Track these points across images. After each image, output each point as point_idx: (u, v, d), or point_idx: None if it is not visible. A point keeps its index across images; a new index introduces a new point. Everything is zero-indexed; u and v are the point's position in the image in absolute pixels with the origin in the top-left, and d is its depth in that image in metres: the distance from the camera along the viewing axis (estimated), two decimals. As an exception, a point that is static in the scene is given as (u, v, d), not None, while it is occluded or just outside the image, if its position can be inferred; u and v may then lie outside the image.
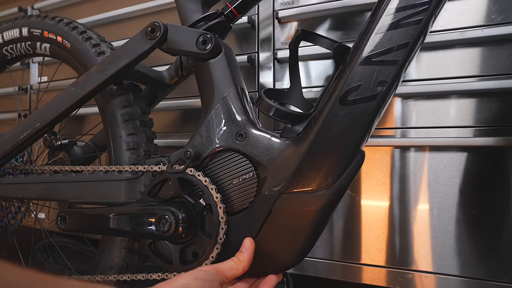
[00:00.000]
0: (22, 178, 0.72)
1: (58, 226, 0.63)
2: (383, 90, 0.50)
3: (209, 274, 0.44)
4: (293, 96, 0.68)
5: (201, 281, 0.42)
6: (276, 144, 0.55)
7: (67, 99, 0.67)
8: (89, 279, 0.64)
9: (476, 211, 0.72)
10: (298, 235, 0.52)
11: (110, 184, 0.65)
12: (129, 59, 0.65)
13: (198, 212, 0.57)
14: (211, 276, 0.44)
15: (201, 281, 0.42)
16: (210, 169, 0.59)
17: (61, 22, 0.78)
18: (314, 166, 0.51)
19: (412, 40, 0.50)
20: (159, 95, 0.84)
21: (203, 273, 0.44)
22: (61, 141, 0.90)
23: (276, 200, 0.53)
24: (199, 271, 0.44)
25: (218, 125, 0.59)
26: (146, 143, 0.71)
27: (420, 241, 0.75)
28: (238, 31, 0.92)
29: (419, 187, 0.76)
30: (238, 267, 0.49)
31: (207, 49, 0.61)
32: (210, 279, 0.44)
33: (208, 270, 0.45)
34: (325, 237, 0.83)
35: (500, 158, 0.70)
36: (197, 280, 0.42)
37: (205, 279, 0.43)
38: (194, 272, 0.44)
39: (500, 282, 0.69)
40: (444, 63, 0.74)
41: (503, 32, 0.69)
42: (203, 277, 0.43)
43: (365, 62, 0.51)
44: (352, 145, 0.51)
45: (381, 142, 0.77)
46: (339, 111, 0.51)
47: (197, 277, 0.43)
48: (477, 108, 0.72)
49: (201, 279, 0.43)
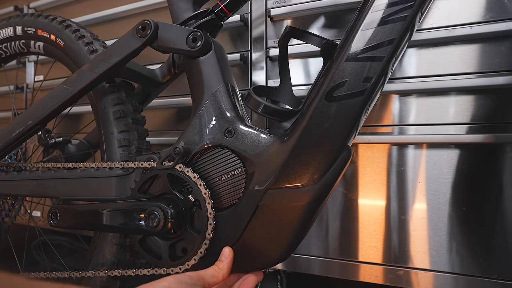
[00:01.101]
0: (14, 175, 0.73)
1: (50, 222, 0.64)
2: (369, 86, 0.51)
3: (192, 279, 0.45)
4: (283, 93, 0.68)
5: (184, 285, 0.43)
6: (263, 140, 0.56)
7: (59, 96, 0.68)
8: (80, 275, 0.65)
9: (466, 208, 0.72)
10: (285, 231, 0.52)
11: (101, 180, 0.65)
12: (120, 56, 0.66)
13: (187, 208, 0.58)
14: (193, 280, 0.45)
15: (184, 285, 0.43)
16: (199, 166, 0.59)
17: (55, 20, 0.79)
18: (300, 162, 0.52)
19: (398, 36, 0.50)
20: (151, 93, 0.85)
21: (186, 277, 0.44)
22: (55, 139, 0.91)
23: (263, 195, 0.53)
24: (183, 275, 0.45)
25: (208, 122, 0.60)
26: (138, 140, 0.71)
27: (414, 238, 0.75)
28: (232, 29, 0.93)
29: (410, 184, 0.76)
30: (219, 274, 0.50)
31: (197, 46, 0.61)
32: (193, 283, 0.44)
33: (191, 275, 0.46)
34: (320, 234, 0.83)
35: (490, 155, 0.71)
36: (180, 283, 0.42)
37: (188, 283, 0.43)
38: (177, 276, 0.44)
39: (489, 278, 0.69)
40: (433, 61, 0.74)
41: (491, 30, 0.69)
42: (186, 281, 0.44)
43: (351, 59, 0.51)
44: (339, 141, 0.51)
45: (372, 139, 0.78)
46: (326, 107, 0.51)
47: (180, 280, 0.43)
48: (467, 105, 0.72)
49: (184, 283, 0.43)
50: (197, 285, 0.45)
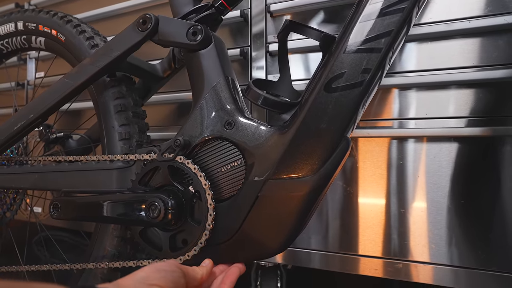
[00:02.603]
0: (16, 168, 0.73)
1: (51, 214, 0.64)
2: (368, 77, 0.51)
3: (170, 266, 0.44)
4: (283, 86, 0.68)
5: (162, 273, 0.42)
6: (263, 132, 0.56)
7: (60, 90, 0.69)
8: (81, 267, 0.65)
9: (465, 201, 0.72)
10: (284, 221, 0.53)
11: (102, 173, 0.66)
12: (121, 50, 0.66)
13: (187, 199, 0.58)
14: (172, 267, 0.44)
15: (162, 273, 0.42)
16: (200, 157, 0.60)
17: (56, 16, 0.79)
18: (299, 153, 0.52)
19: (396, 28, 0.51)
20: (152, 88, 0.85)
21: (165, 265, 0.43)
22: (56, 134, 0.91)
23: (262, 186, 0.53)
24: (161, 263, 0.44)
25: (208, 114, 0.60)
26: (139, 133, 0.71)
27: (413, 231, 0.76)
28: (232, 25, 0.93)
29: (409, 178, 0.76)
30: (199, 271, 0.49)
31: (197, 40, 0.62)
32: (172, 270, 0.43)
33: (171, 263, 0.45)
34: (320, 228, 0.84)
35: (489, 149, 0.71)
36: (158, 271, 0.41)
37: (166, 271, 0.42)
38: (154, 264, 0.43)
39: (488, 270, 0.70)
40: (432, 55, 0.75)
41: (490, 23, 0.69)
42: (165, 269, 0.42)
43: (350, 50, 0.52)
44: (337, 131, 0.52)
45: (372, 133, 0.78)
46: (324, 98, 0.52)
47: (158, 269, 0.42)
48: (466, 99, 0.72)
49: (162, 271, 0.42)
50: (176, 272, 0.43)
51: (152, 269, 0.42)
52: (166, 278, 0.41)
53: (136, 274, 0.41)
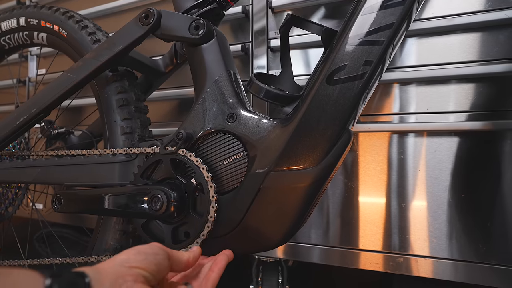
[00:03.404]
0: (18, 163, 0.73)
1: (54, 207, 0.65)
2: (369, 70, 0.51)
3: (152, 248, 0.43)
4: (284, 81, 0.69)
5: (143, 255, 0.40)
6: (265, 125, 0.56)
7: (63, 84, 0.69)
8: (83, 260, 0.66)
9: (465, 195, 0.73)
10: (286, 213, 0.53)
11: (104, 166, 0.66)
12: (124, 44, 0.66)
13: (189, 192, 0.59)
14: (154, 249, 0.42)
15: (143, 255, 0.40)
16: (202, 150, 0.60)
17: (58, 11, 0.80)
18: (301, 144, 0.53)
19: (397, 21, 0.51)
20: (154, 83, 0.86)
21: (146, 248, 0.42)
22: (58, 130, 0.92)
23: (265, 178, 0.54)
24: (143, 246, 0.42)
25: (210, 108, 0.60)
26: (141, 128, 0.72)
27: (414, 225, 0.76)
28: (233, 21, 0.93)
29: (409, 172, 0.77)
30: (185, 254, 0.48)
31: (200, 34, 0.62)
32: (154, 252, 0.42)
33: (153, 245, 0.43)
34: (321, 223, 0.84)
35: (489, 143, 0.71)
36: (139, 254, 0.40)
37: (147, 253, 0.41)
38: (136, 247, 0.42)
39: (488, 264, 0.70)
40: (432, 50, 0.75)
41: (490, 18, 0.70)
42: (146, 251, 0.41)
43: (352, 43, 0.52)
44: (339, 123, 0.52)
45: (373, 127, 0.78)
46: (326, 90, 0.52)
47: (139, 251, 0.41)
48: (466, 93, 0.73)
49: (143, 253, 0.41)
50: (159, 255, 0.42)
51: (134, 251, 0.41)
52: (148, 260, 0.40)
53: (117, 257, 0.39)
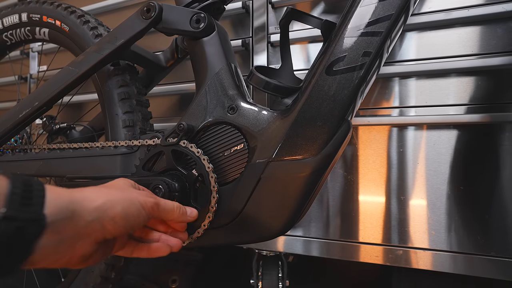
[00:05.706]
0: (20, 156, 0.74)
1: (56, 199, 0.65)
2: (368, 60, 0.52)
3: (138, 210, 0.44)
4: (284, 74, 0.69)
5: (126, 221, 0.42)
6: (265, 116, 0.57)
7: (65, 78, 0.69)
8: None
9: (464, 187, 0.73)
10: (286, 203, 0.54)
11: (106, 159, 0.67)
12: (125, 38, 0.67)
13: (191, 182, 0.59)
14: (140, 212, 0.44)
15: (126, 221, 0.42)
16: (203, 142, 0.61)
17: (60, 6, 0.80)
18: (301, 135, 0.53)
19: (396, 12, 0.52)
20: (155, 78, 0.86)
21: (133, 211, 0.43)
22: (59, 125, 0.92)
23: (265, 168, 0.54)
24: (130, 207, 0.43)
25: (211, 100, 0.61)
26: (142, 121, 0.72)
27: (413, 218, 0.77)
28: (233, 16, 0.94)
29: (409, 165, 0.77)
30: (175, 204, 0.50)
31: (201, 27, 0.63)
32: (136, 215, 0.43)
33: (139, 204, 0.44)
34: (320, 216, 0.84)
35: (488, 135, 0.72)
36: (123, 219, 0.41)
37: (131, 220, 0.42)
38: (127, 208, 0.42)
39: (487, 256, 0.70)
40: (431, 43, 0.76)
41: (488, 11, 0.70)
42: (131, 217, 0.42)
43: (351, 34, 0.53)
44: (338, 114, 0.53)
45: (372, 121, 0.79)
46: (325, 80, 0.53)
47: (126, 216, 0.42)
48: (465, 86, 0.73)
49: (127, 220, 0.42)
50: (141, 217, 0.43)
51: (122, 214, 0.41)
52: (125, 228, 0.41)
53: (105, 203, 0.40)
